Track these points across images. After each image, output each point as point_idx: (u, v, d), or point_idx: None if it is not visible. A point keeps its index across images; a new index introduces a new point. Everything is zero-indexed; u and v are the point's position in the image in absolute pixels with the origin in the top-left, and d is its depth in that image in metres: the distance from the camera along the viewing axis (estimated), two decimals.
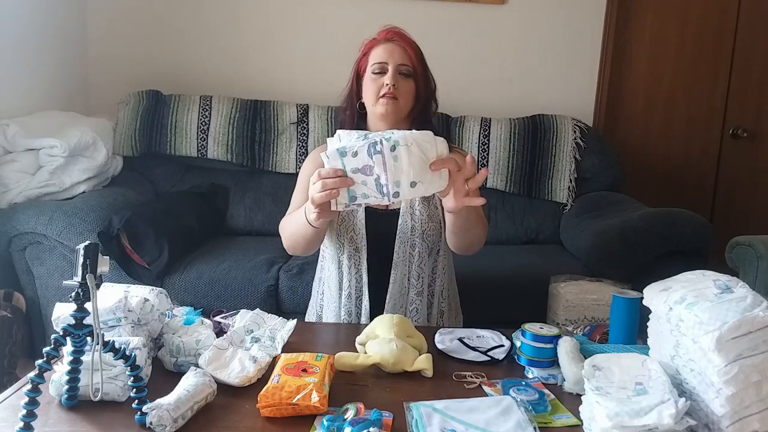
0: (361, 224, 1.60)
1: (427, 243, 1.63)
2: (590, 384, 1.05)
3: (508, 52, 3.16)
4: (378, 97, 1.58)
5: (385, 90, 1.57)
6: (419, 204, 1.62)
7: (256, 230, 2.80)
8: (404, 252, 1.61)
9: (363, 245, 1.60)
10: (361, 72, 1.65)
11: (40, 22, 2.67)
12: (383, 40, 1.63)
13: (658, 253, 2.33)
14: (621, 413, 0.96)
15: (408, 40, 1.64)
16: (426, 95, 1.65)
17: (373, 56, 1.62)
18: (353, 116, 1.67)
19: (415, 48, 1.63)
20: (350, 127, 1.66)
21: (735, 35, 3.28)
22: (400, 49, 1.61)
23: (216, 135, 2.83)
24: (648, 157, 3.34)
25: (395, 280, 1.60)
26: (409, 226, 1.61)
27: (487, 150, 2.88)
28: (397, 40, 1.62)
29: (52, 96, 2.78)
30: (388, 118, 1.60)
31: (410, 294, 1.62)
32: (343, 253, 1.63)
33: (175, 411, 1.02)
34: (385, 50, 1.60)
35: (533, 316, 1.46)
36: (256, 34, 3.10)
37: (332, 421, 1.03)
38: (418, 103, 1.63)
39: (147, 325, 1.26)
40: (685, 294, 1.07)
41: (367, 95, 1.62)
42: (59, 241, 2.22)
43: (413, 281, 1.62)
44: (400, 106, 1.59)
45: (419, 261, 1.62)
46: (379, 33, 1.66)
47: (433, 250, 1.65)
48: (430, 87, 1.66)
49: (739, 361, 0.96)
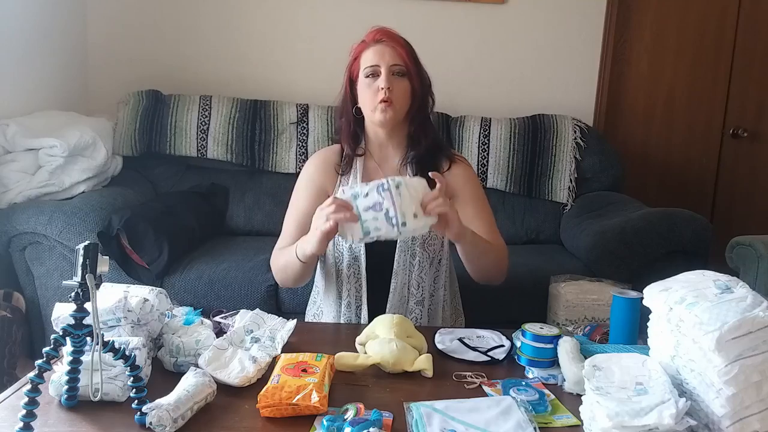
0: None
1: (429, 252, 1.61)
2: (590, 384, 1.05)
3: (508, 52, 3.16)
4: (375, 105, 1.56)
5: (381, 96, 1.54)
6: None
7: (256, 230, 2.79)
8: (404, 261, 1.59)
9: (362, 254, 1.58)
10: (354, 77, 1.62)
11: (40, 22, 2.67)
12: (372, 42, 1.60)
13: (658, 253, 2.33)
14: (621, 413, 0.96)
15: (397, 39, 1.60)
16: (422, 92, 1.62)
17: (364, 60, 1.59)
18: (349, 123, 1.65)
19: (405, 46, 1.60)
20: (348, 134, 1.65)
21: (735, 35, 3.28)
22: (390, 49, 1.57)
23: (216, 135, 2.83)
24: (648, 157, 3.34)
25: (395, 288, 1.58)
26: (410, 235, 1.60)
27: (487, 150, 2.87)
28: (387, 40, 1.59)
29: (52, 96, 2.78)
30: (387, 124, 1.59)
31: (410, 303, 1.60)
32: (342, 262, 1.61)
33: (174, 411, 1.02)
34: (375, 52, 1.57)
35: (533, 316, 1.46)
36: (256, 34, 3.10)
37: (332, 421, 1.03)
38: (415, 101, 1.61)
39: (147, 325, 1.26)
40: (685, 294, 1.06)
41: (363, 101, 1.59)
42: (59, 241, 2.22)
43: (413, 290, 1.60)
44: (397, 110, 1.57)
45: (419, 270, 1.60)
46: (367, 35, 1.63)
47: (435, 260, 1.63)
48: (425, 83, 1.63)
49: (740, 361, 0.96)
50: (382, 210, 1.32)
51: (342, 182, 1.64)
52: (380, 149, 1.67)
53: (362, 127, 1.66)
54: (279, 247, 1.66)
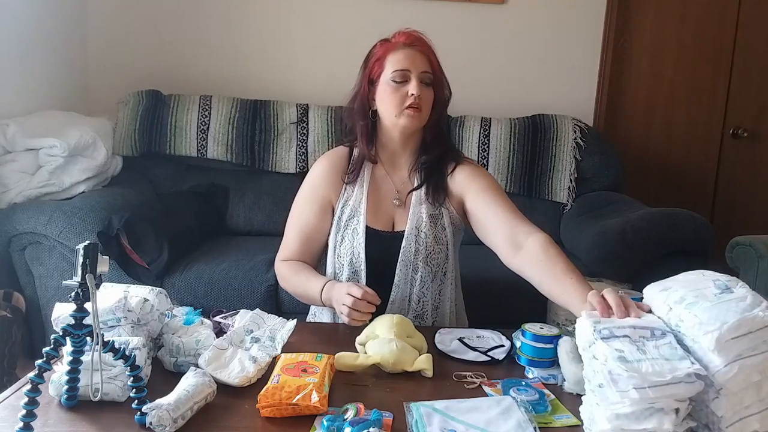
0: (360, 247, 1.56)
1: (431, 267, 1.57)
2: (590, 385, 1.05)
3: (508, 52, 3.16)
4: (402, 108, 1.50)
5: (410, 101, 1.49)
6: (426, 226, 1.56)
7: (256, 230, 2.79)
8: (406, 275, 1.56)
9: (362, 269, 1.56)
10: (375, 77, 1.55)
11: (40, 22, 2.67)
12: (402, 44, 1.53)
13: (659, 253, 2.33)
14: (621, 416, 0.96)
15: (428, 45, 1.55)
16: (443, 102, 1.59)
17: (391, 62, 1.52)
18: (367, 126, 1.58)
19: (434, 54, 1.55)
20: (365, 137, 1.58)
21: (735, 35, 3.28)
22: (422, 55, 1.52)
23: (216, 135, 2.83)
24: (648, 157, 3.34)
25: (394, 300, 1.55)
26: (413, 249, 1.55)
27: (487, 150, 2.87)
28: (418, 45, 1.53)
29: (52, 96, 2.78)
30: (410, 130, 1.55)
31: (408, 316, 1.54)
32: (342, 274, 1.58)
33: (174, 411, 1.02)
34: (406, 57, 1.51)
35: (533, 316, 1.46)
36: (256, 34, 3.10)
37: (332, 421, 1.03)
38: (436, 111, 1.57)
39: (147, 325, 1.26)
40: (685, 294, 1.06)
41: (385, 104, 1.53)
42: (59, 241, 2.22)
43: (413, 304, 1.57)
44: (423, 117, 1.54)
45: (421, 285, 1.56)
46: (394, 36, 1.56)
47: (438, 273, 1.59)
48: (446, 94, 1.60)
49: (739, 362, 0.96)
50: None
51: (347, 191, 1.61)
52: (392, 156, 1.63)
53: (376, 131, 1.60)
54: (282, 257, 1.63)
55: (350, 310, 1.41)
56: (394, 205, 1.61)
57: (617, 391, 0.94)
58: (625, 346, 0.99)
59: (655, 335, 1.02)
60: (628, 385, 0.94)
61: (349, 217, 1.59)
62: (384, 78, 1.53)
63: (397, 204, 1.61)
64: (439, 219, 1.58)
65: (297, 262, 1.61)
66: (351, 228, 1.58)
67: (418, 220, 1.57)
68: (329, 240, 1.63)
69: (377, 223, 1.59)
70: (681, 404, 0.96)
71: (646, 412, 0.95)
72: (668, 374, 0.94)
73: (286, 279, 1.62)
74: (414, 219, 1.57)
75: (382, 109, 1.55)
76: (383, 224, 1.60)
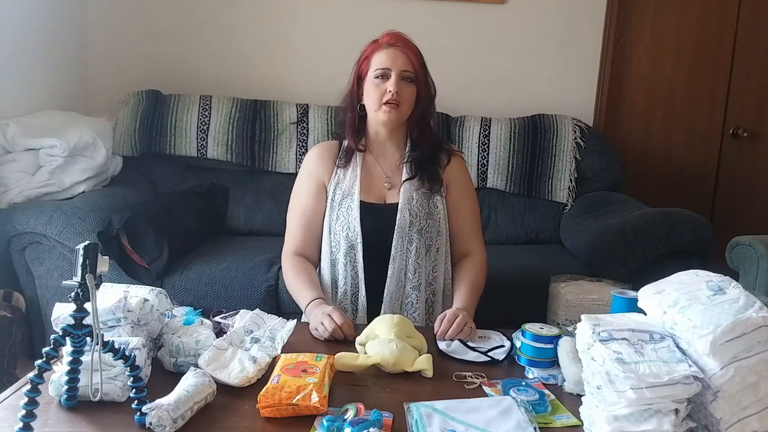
0: (356, 221, 1.63)
1: (425, 239, 1.65)
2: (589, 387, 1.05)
3: (508, 52, 3.16)
4: (380, 104, 1.61)
5: (387, 97, 1.60)
6: (417, 200, 1.65)
7: (256, 230, 2.79)
8: (402, 246, 1.63)
9: (358, 242, 1.62)
10: (363, 74, 1.67)
11: (40, 22, 2.67)
12: (386, 44, 1.65)
13: (658, 253, 2.33)
14: (620, 418, 0.96)
15: (410, 45, 1.66)
16: (426, 100, 1.68)
17: (375, 61, 1.64)
18: (354, 118, 1.70)
19: (417, 53, 1.65)
20: (352, 128, 1.71)
21: (735, 35, 3.28)
22: (403, 54, 1.63)
23: (216, 135, 2.83)
24: (648, 157, 3.33)
25: (392, 274, 1.61)
26: (407, 221, 1.63)
27: (487, 150, 2.87)
28: (400, 45, 1.64)
29: (52, 96, 2.78)
30: (389, 124, 1.66)
31: (406, 288, 1.64)
32: (339, 251, 1.64)
33: (174, 411, 1.02)
34: (388, 56, 1.63)
35: (533, 316, 1.46)
36: (256, 34, 3.10)
37: (332, 421, 1.03)
38: (419, 107, 1.67)
39: (147, 325, 1.26)
40: (678, 297, 1.06)
41: (369, 100, 1.65)
42: (59, 241, 2.21)
43: (410, 275, 1.64)
44: (402, 112, 1.64)
45: (416, 256, 1.64)
46: (382, 36, 1.68)
47: (432, 248, 1.66)
48: (430, 92, 1.69)
49: (735, 364, 0.96)
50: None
51: (338, 174, 1.69)
52: (380, 146, 1.73)
53: (365, 124, 1.71)
54: (288, 249, 1.71)
55: (324, 329, 1.43)
56: (385, 188, 1.71)
57: (614, 392, 0.95)
58: (624, 349, 1.00)
59: (653, 338, 1.03)
60: (625, 385, 0.94)
61: (343, 197, 1.67)
62: (369, 75, 1.64)
63: (388, 187, 1.70)
64: (430, 196, 1.68)
65: (300, 262, 1.68)
66: (345, 206, 1.66)
67: (410, 196, 1.66)
68: (324, 221, 1.69)
69: (370, 198, 1.68)
70: (680, 405, 0.96)
71: (645, 414, 0.95)
72: (665, 376, 0.94)
73: (286, 277, 1.70)
74: (406, 194, 1.66)
75: (367, 103, 1.67)
76: (376, 199, 1.69)
